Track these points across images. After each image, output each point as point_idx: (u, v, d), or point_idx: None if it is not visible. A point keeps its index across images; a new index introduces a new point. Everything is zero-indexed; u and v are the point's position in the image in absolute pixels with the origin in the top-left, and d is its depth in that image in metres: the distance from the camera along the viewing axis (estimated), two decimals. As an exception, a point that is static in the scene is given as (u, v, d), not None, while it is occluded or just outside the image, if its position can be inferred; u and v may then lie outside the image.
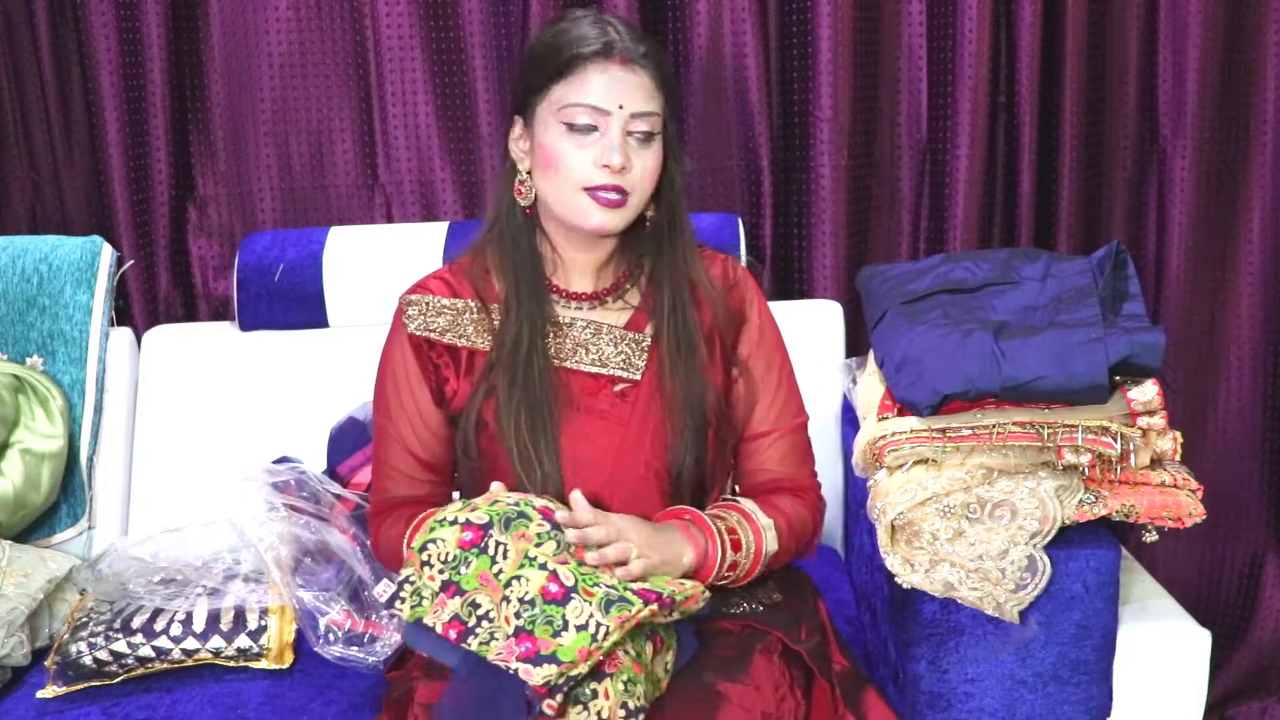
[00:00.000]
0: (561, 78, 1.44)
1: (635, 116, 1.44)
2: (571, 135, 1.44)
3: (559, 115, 1.44)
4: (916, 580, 1.52)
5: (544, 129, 1.46)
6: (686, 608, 1.35)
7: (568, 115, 1.43)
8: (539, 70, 1.46)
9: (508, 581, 1.30)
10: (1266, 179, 2.35)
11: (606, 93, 1.43)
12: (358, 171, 2.37)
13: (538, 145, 1.47)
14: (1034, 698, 1.54)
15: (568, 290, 1.55)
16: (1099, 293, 1.59)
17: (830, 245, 2.31)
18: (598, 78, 1.43)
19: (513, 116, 1.52)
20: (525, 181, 1.50)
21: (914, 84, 2.33)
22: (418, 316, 1.55)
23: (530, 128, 1.48)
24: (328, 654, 1.70)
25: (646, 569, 1.36)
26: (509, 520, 1.34)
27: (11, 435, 2.00)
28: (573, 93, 1.43)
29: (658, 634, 1.35)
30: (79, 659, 1.70)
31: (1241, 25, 2.31)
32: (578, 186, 1.44)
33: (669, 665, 1.37)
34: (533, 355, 1.49)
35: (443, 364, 1.54)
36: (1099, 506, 1.50)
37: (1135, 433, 1.50)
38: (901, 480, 1.55)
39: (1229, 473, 2.46)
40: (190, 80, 2.32)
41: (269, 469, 1.91)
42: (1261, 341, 2.42)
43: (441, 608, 1.32)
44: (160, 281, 2.38)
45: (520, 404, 1.47)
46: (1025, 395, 1.51)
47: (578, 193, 1.45)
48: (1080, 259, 1.70)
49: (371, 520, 1.59)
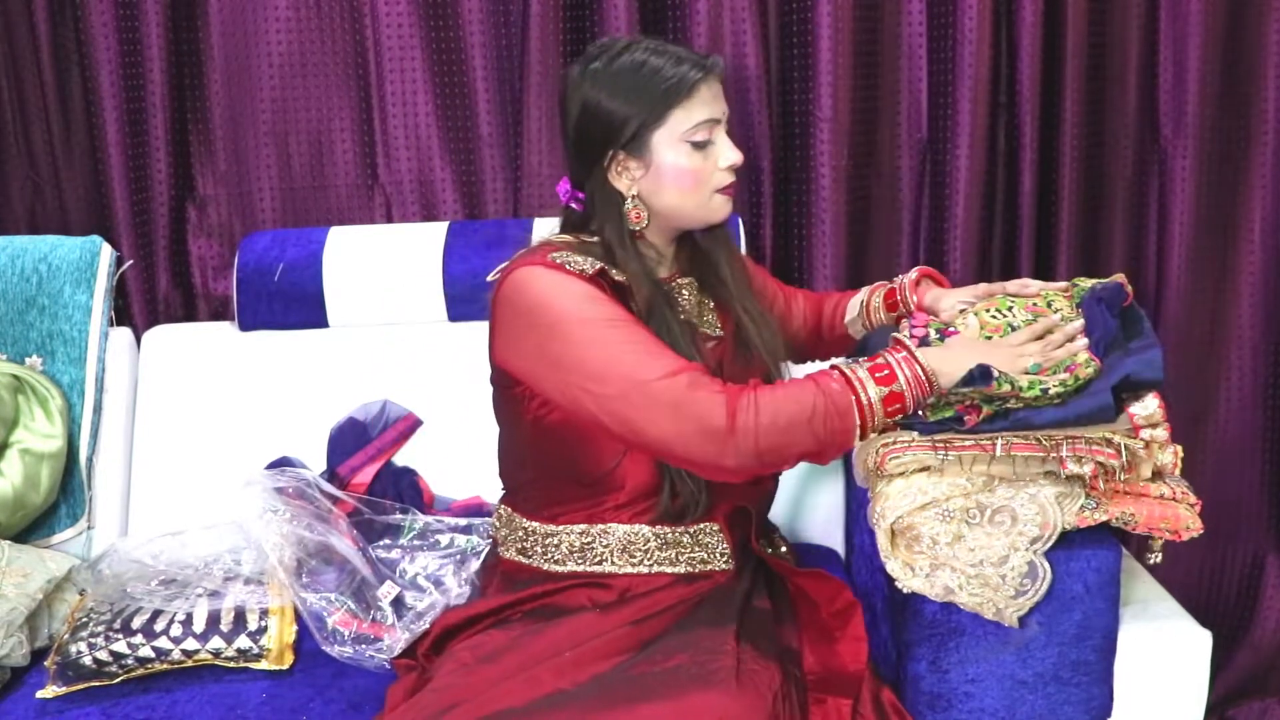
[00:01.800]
0: (678, 104, 1.56)
1: (728, 117, 1.62)
2: (697, 151, 1.58)
3: (685, 137, 1.57)
4: (917, 585, 1.52)
5: (667, 153, 1.57)
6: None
7: (692, 135, 1.57)
8: (649, 108, 1.55)
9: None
10: (1267, 179, 2.35)
11: (717, 105, 1.59)
12: (358, 171, 2.37)
13: (661, 170, 1.58)
14: (1034, 698, 1.54)
15: (665, 275, 1.67)
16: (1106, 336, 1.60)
17: (830, 245, 2.31)
18: (707, 95, 1.58)
19: (599, 155, 1.58)
20: (638, 205, 1.60)
21: (914, 84, 2.33)
22: (580, 262, 1.54)
23: (643, 157, 1.57)
24: (335, 653, 1.70)
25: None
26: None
27: (11, 435, 2.00)
28: (695, 114, 1.57)
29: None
30: (79, 659, 1.70)
31: (1242, 25, 2.31)
32: (712, 191, 1.61)
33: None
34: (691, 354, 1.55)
35: (623, 298, 1.56)
36: (1099, 512, 1.50)
37: (1138, 445, 1.50)
38: (902, 486, 1.55)
39: (1229, 473, 2.46)
40: (190, 80, 2.32)
41: (270, 473, 1.92)
42: (1262, 342, 2.42)
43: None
44: (160, 281, 2.38)
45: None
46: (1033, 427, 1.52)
47: (712, 196, 1.61)
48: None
49: (698, 393, 1.46)
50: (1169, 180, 2.37)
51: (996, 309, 1.67)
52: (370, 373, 2.15)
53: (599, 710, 1.37)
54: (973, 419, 1.52)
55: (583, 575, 1.59)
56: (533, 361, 1.53)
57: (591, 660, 1.47)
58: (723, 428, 1.43)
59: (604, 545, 1.59)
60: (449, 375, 2.12)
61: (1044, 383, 1.50)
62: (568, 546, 1.60)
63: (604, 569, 1.59)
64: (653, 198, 1.60)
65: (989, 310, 1.67)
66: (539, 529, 1.62)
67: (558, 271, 1.52)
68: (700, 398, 1.44)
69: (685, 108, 1.56)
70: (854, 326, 1.87)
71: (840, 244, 2.31)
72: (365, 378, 2.15)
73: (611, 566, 1.59)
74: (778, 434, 1.45)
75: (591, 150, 1.58)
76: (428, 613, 1.73)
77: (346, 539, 1.80)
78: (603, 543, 1.59)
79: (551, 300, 1.51)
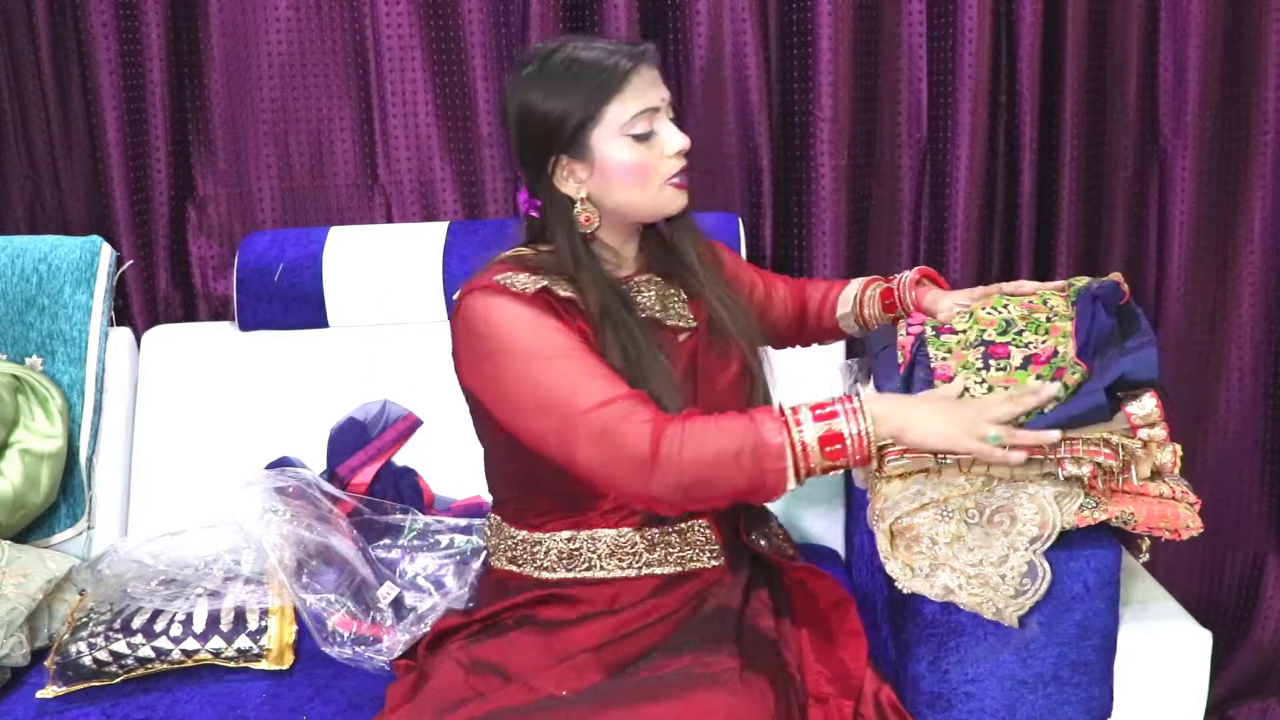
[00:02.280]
0: (612, 100, 1.52)
1: (669, 103, 1.58)
2: (640, 143, 1.54)
3: (624, 130, 1.53)
4: (916, 585, 1.52)
5: (609, 149, 1.53)
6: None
7: (632, 127, 1.53)
8: (582, 107, 1.51)
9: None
10: (1267, 179, 2.35)
11: (654, 94, 1.55)
12: (358, 171, 2.37)
13: (606, 168, 1.54)
14: (1035, 698, 1.54)
15: (624, 275, 1.64)
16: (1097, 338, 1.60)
17: (830, 245, 2.31)
18: (640, 84, 1.53)
19: (543, 161, 1.55)
20: (587, 209, 1.57)
21: (914, 84, 2.33)
22: (526, 282, 1.51)
23: (585, 158, 1.54)
24: (335, 654, 1.70)
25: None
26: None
27: (11, 435, 2.00)
28: (631, 105, 1.52)
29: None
30: (79, 659, 1.70)
31: (1242, 25, 2.31)
32: (661, 183, 1.56)
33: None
34: (643, 359, 1.52)
35: (570, 312, 1.52)
36: (1099, 512, 1.50)
37: (1136, 444, 1.50)
38: (901, 486, 1.55)
39: (1230, 473, 2.46)
40: (190, 80, 2.32)
41: (270, 473, 1.92)
42: (1262, 341, 2.42)
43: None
44: (160, 281, 2.38)
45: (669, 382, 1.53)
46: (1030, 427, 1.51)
47: (662, 188, 1.57)
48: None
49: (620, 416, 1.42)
50: (1169, 180, 2.37)
51: (992, 306, 1.68)
52: (370, 373, 2.15)
53: (603, 711, 1.37)
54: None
55: (572, 581, 1.58)
56: (483, 388, 1.53)
57: (590, 670, 1.47)
58: (646, 457, 1.39)
59: (591, 550, 1.57)
60: (449, 375, 2.11)
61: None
62: (556, 553, 1.58)
63: (593, 574, 1.57)
64: (602, 197, 1.56)
65: (985, 308, 1.67)
66: (527, 537, 1.60)
67: (502, 296, 1.49)
68: (627, 427, 1.41)
69: (620, 100, 1.52)
70: (846, 321, 1.84)
71: (840, 244, 2.31)
72: (365, 378, 2.15)
73: (601, 571, 1.57)
74: (703, 467, 1.39)
75: (535, 157, 1.56)
76: (428, 614, 1.73)
77: (347, 539, 1.80)
78: (590, 548, 1.57)
79: (494, 331, 1.49)
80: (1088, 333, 1.58)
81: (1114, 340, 1.59)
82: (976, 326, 1.63)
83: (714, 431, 1.40)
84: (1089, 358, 1.54)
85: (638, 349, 1.52)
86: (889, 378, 1.63)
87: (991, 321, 1.64)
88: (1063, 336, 1.59)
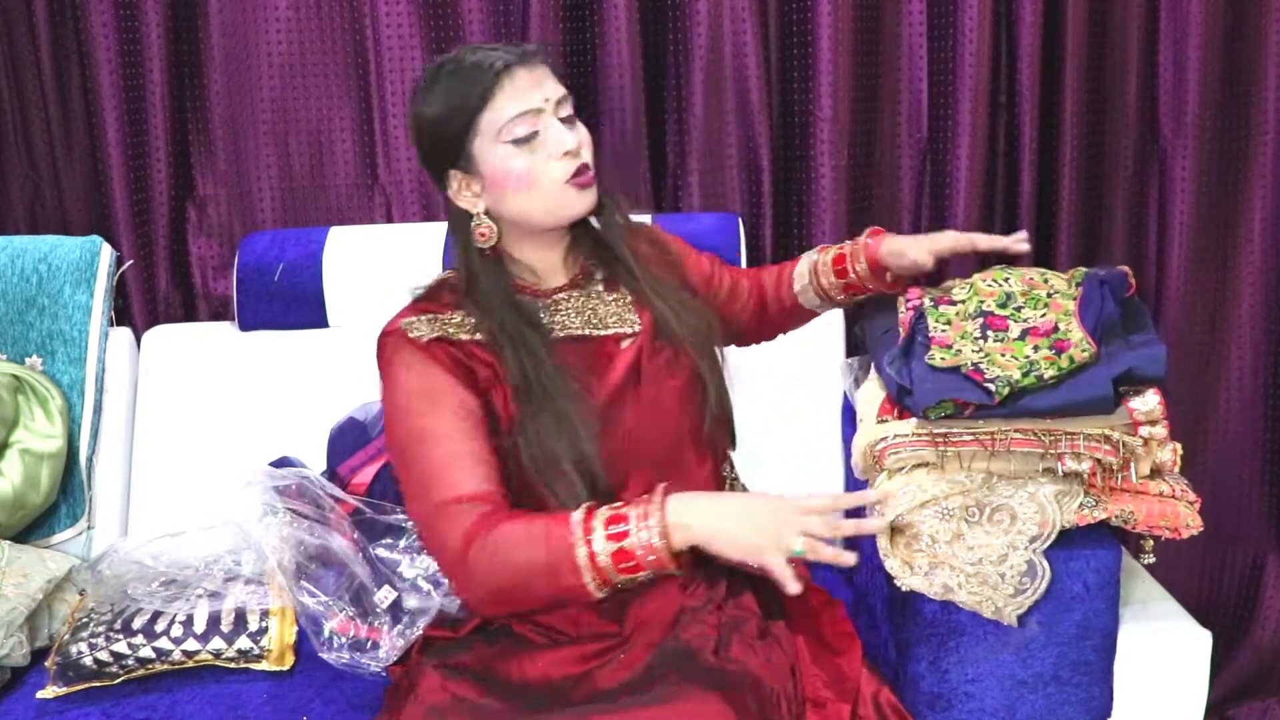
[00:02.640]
0: (485, 106, 1.47)
1: (559, 103, 1.49)
2: (522, 148, 1.47)
3: (501, 137, 1.47)
4: (916, 583, 1.52)
5: (492, 159, 1.48)
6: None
7: (508, 133, 1.47)
8: (457, 116, 1.48)
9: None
10: (1267, 179, 2.35)
11: (531, 94, 1.47)
12: (358, 171, 2.37)
13: (494, 178, 1.49)
14: (1035, 698, 1.54)
15: (548, 288, 1.58)
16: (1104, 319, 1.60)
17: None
18: (515, 87, 1.47)
19: (443, 176, 1.53)
20: (483, 223, 1.52)
21: (914, 84, 2.33)
22: (425, 328, 1.51)
23: (471, 172, 1.50)
24: (331, 659, 1.70)
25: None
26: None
27: (11, 435, 2.00)
28: (504, 110, 1.46)
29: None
30: (79, 660, 1.70)
31: (1242, 25, 2.31)
32: (557, 185, 1.49)
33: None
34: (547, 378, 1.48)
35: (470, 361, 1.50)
36: (1098, 510, 1.50)
37: (1136, 442, 1.50)
38: (901, 483, 1.55)
39: (1230, 473, 2.46)
40: (190, 80, 2.32)
41: (271, 472, 1.91)
42: (1262, 341, 2.42)
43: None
44: (160, 281, 2.38)
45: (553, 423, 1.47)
46: (1033, 414, 1.51)
47: (560, 191, 1.49)
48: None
49: (447, 523, 1.41)
50: (1169, 180, 2.36)
51: (993, 278, 1.68)
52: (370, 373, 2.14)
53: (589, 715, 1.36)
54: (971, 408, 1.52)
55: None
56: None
57: (562, 695, 1.43)
58: (457, 560, 1.38)
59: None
60: (449, 375, 2.12)
61: (1039, 368, 1.50)
62: None
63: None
64: (500, 209, 1.51)
65: (986, 280, 1.68)
66: None
67: (403, 347, 1.49)
68: (447, 528, 1.39)
69: (493, 106, 1.46)
70: (805, 295, 1.77)
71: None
72: (365, 378, 2.13)
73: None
74: (508, 576, 1.36)
75: (435, 173, 1.53)
76: (421, 617, 1.72)
77: (346, 540, 1.80)
78: None
79: (388, 385, 1.51)
80: (1099, 315, 1.58)
81: (1118, 330, 1.59)
82: (976, 298, 1.64)
83: (521, 540, 1.36)
84: (1097, 342, 1.54)
85: (540, 370, 1.48)
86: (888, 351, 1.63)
87: (992, 293, 1.64)
88: (1064, 314, 1.59)
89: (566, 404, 1.47)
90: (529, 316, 1.53)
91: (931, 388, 1.53)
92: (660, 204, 2.35)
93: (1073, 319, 1.58)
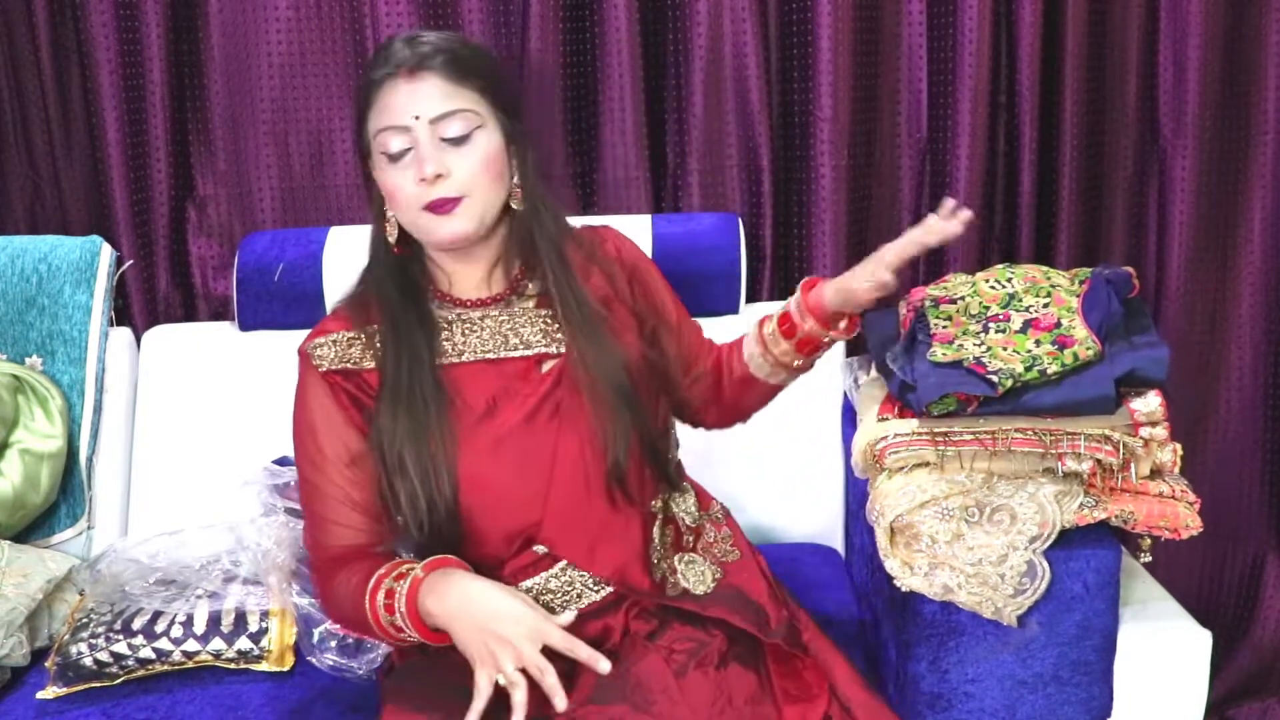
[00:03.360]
0: (369, 110, 1.43)
1: (436, 121, 1.41)
2: (394, 163, 1.42)
3: (376, 147, 1.43)
4: (915, 583, 1.52)
5: (375, 165, 1.45)
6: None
7: (381, 144, 1.42)
8: (357, 111, 1.46)
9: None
10: (1267, 179, 2.35)
11: (401, 109, 1.40)
12: (358, 171, 2.36)
13: (378, 183, 1.46)
14: (1035, 698, 1.54)
15: (467, 299, 1.52)
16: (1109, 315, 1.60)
17: (830, 245, 2.31)
18: (390, 99, 1.41)
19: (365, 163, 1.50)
20: (389, 219, 1.49)
21: (914, 84, 2.33)
22: (329, 354, 1.48)
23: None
24: (320, 662, 1.70)
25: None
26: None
27: (11, 435, 2.00)
28: (377, 121, 1.42)
29: None
30: (79, 660, 1.70)
31: (1242, 25, 2.31)
32: (417, 208, 1.42)
33: None
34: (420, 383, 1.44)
35: (365, 395, 1.47)
36: (1098, 511, 1.50)
37: (1137, 442, 1.50)
38: (901, 483, 1.55)
39: (1230, 473, 2.46)
40: (190, 80, 2.32)
41: (269, 470, 1.91)
42: (1262, 342, 2.42)
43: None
44: (160, 281, 2.38)
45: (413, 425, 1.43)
46: (1034, 411, 1.51)
47: (420, 214, 1.43)
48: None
49: (319, 577, 1.50)
50: (1169, 180, 2.36)
51: (996, 279, 1.68)
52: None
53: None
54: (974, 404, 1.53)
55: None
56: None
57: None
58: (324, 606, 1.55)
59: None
60: (449, 375, 2.12)
61: (1041, 362, 1.51)
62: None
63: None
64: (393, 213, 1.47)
65: (989, 281, 1.68)
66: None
67: (305, 372, 1.49)
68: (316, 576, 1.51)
69: (369, 116, 1.42)
70: (755, 363, 1.59)
71: (840, 244, 2.31)
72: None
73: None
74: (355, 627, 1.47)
75: (363, 168, 1.50)
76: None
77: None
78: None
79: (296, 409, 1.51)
80: (1104, 314, 1.58)
81: (1121, 331, 1.59)
82: (978, 299, 1.64)
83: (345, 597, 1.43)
84: (1101, 341, 1.54)
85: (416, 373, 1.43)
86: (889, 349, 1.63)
87: (995, 297, 1.64)
88: (1067, 310, 1.59)
89: (431, 418, 1.42)
90: (425, 319, 1.48)
91: (934, 383, 1.53)
92: (660, 204, 2.35)
93: (1075, 316, 1.58)
